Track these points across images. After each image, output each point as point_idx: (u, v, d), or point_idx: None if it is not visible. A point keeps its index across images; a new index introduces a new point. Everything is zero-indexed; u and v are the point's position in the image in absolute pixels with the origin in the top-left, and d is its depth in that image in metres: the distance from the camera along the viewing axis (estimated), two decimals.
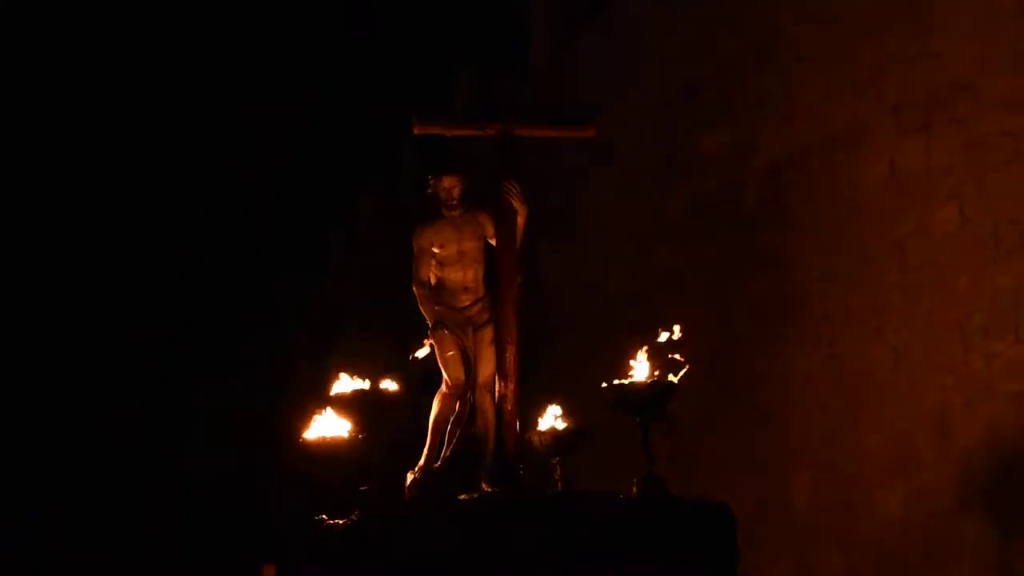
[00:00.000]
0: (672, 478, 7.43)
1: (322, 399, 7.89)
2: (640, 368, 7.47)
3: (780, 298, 11.62)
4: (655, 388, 7.34)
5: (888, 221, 10.66)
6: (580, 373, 8.49)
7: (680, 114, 12.88)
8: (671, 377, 7.43)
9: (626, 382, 7.36)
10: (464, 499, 7.47)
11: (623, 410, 7.42)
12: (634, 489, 7.39)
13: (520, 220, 7.85)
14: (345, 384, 7.54)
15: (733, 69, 12.20)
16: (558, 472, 7.99)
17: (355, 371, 7.59)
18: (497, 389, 7.74)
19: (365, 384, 7.48)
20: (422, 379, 7.70)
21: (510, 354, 7.72)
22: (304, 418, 7.85)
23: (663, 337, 7.47)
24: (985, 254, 9.94)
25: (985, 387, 9.94)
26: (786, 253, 11.59)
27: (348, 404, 7.44)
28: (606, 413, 7.54)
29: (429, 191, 7.93)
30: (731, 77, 12.25)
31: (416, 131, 7.87)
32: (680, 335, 7.45)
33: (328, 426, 7.85)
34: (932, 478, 10.28)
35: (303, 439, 7.94)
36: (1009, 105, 9.82)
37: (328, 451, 7.77)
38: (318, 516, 7.51)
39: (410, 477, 7.81)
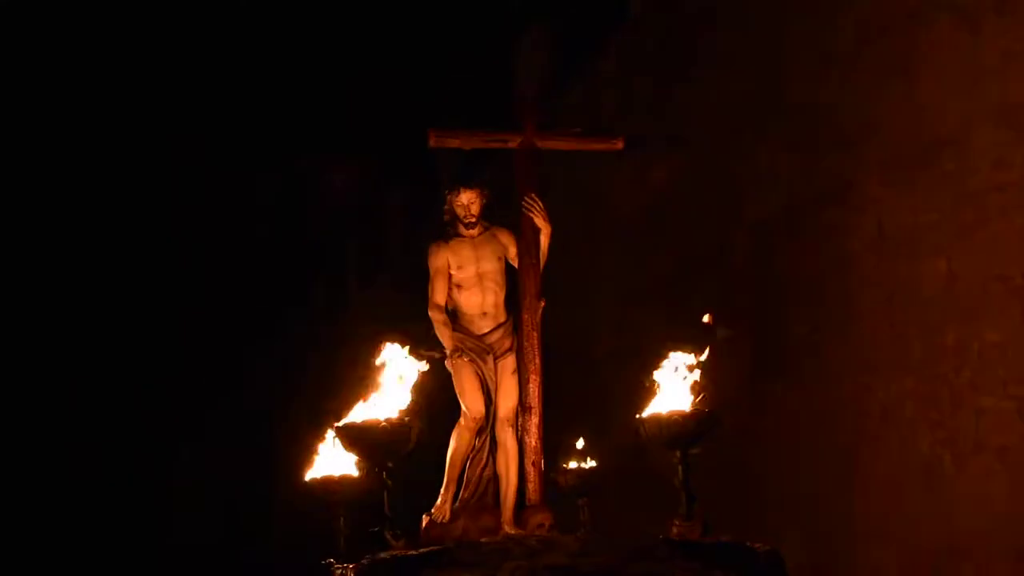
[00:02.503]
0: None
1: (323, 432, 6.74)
2: (674, 396, 6.42)
3: (769, 354, 10.55)
4: (698, 419, 6.25)
5: (876, 277, 9.62)
6: (560, 439, 7.34)
7: (666, 170, 11.96)
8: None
9: (664, 413, 6.27)
10: (485, 542, 6.33)
11: (661, 444, 6.32)
12: (673, 530, 6.28)
13: (544, 239, 6.69)
14: (357, 414, 6.34)
15: (720, 125, 11.29)
16: (584, 513, 6.90)
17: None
18: (520, 423, 6.54)
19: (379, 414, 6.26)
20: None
21: (534, 385, 6.47)
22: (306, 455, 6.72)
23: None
24: (973, 309, 9.04)
25: (974, 442, 9.05)
26: (774, 310, 10.57)
27: (358, 437, 6.25)
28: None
29: (445, 207, 6.73)
30: (719, 133, 11.32)
31: (432, 144, 6.63)
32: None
33: (334, 463, 6.72)
34: (923, 532, 9.34)
35: (307, 479, 6.77)
36: (996, 160, 8.95)
37: (334, 490, 6.65)
38: (326, 560, 6.37)
39: (426, 519, 6.62)
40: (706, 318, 6.58)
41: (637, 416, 6.23)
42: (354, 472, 6.58)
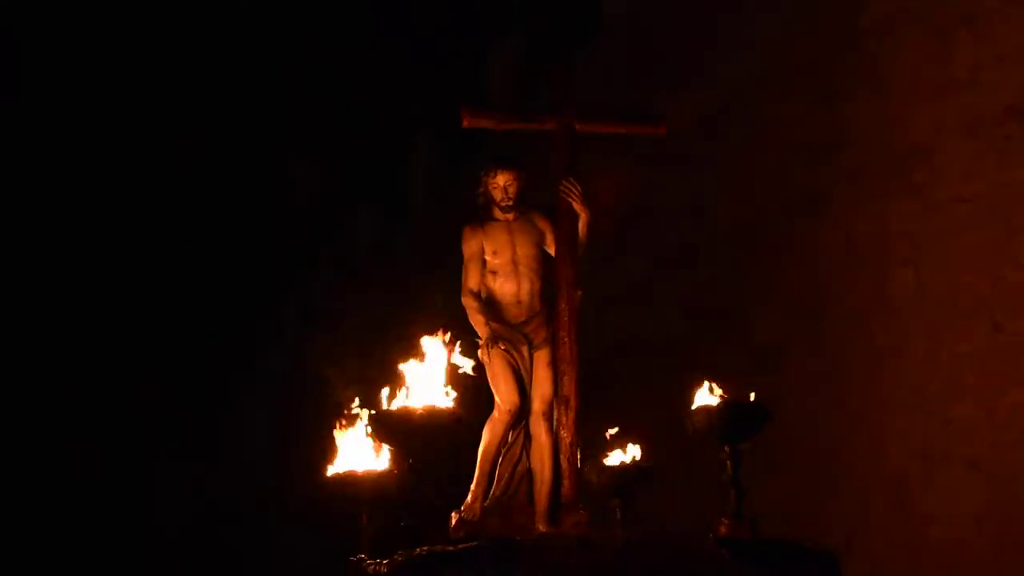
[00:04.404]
0: None
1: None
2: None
3: (738, 362, 10.12)
4: (753, 412, 5.67)
5: (846, 286, 9.23)
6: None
7: (639, 176, 11.37)
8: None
9: (715, 405, 5.67)
10: (521, 540, 5.64)
11: (711, 438, 5.71)
12: (722, 529, 5.64)
13: (582, 225, 6.03)
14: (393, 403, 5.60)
15: (692, 133, 10.78)
16: (619, 514, 6.21)
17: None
18: (555, 417, 5.86)
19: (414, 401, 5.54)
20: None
21: (570, 377, 5.79)
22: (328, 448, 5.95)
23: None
24: (942, 319, 8.70)
25: (942, 452, 8.69)
26: (745, 317, 10.15)
27: (395, 425, 5.52)
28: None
29: (480, 189, 6.03)
30: (690, 141, 10.83)
31: (465, 124, 5.96)
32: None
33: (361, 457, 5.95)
34: (890, 543, 8.94)
35: (328, 475, 5.97)
36: (965, 171, 8.65)
37: (359, 485, 5.88)
38: (356, 556, 5.61)
39: (456, 516, 5.89)
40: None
41: (687, 408, 5.61)
42: (378, 466, 5.80)
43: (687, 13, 11.22)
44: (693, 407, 5.61)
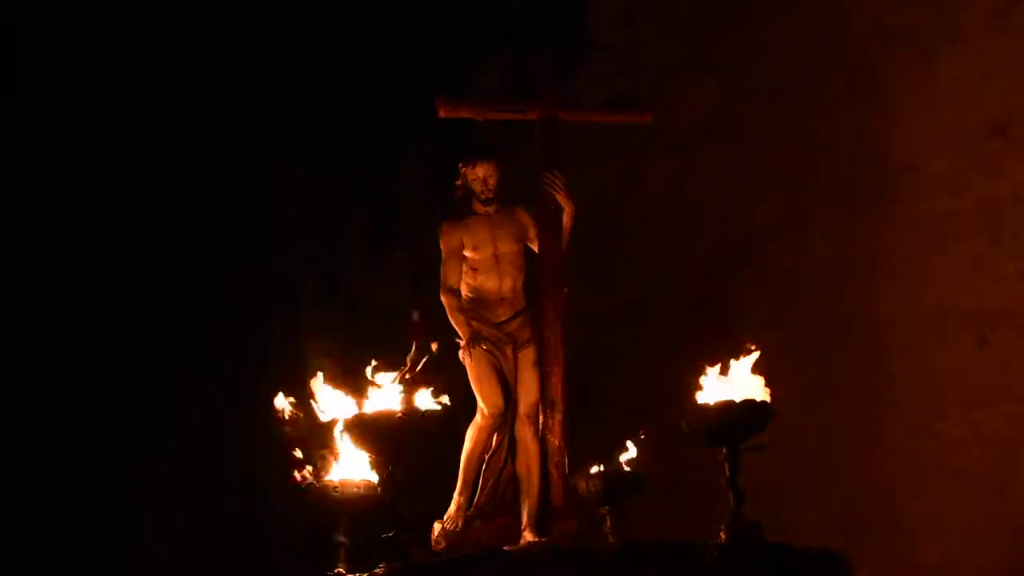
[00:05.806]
0: None
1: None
2: (718, 388, 5.36)
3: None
4: (751, 410, 5.18)
5: (833, 301, 8.80)
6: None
7: (623, 195, 10.92)
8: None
9: (712, 403, 5.19)
10: (509, 550, 5.14)
11: (707, 439, 5.23)
12: (721, 535, 5.16)
13: (566, 219, 5.59)
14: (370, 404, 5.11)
15: (677, 149, 10.38)
16: (608, 523, 5.71)
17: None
18: (541, 420, 5.40)
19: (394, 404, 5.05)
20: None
21: (556, 379, 5.36)
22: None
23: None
24: (928, 333, 8.28)
25: (932, 468, 8.25)
26: (730, 334, 9.73)
27: (369, 430, 5.03)
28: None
29: (458, 182, 5.58)
30: (675, 158, 10.42)
31: (442, 114, 5.50)
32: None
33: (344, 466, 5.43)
34: (878, 558, 8.41)
35: (309, 484, 5.45)
36: (950, 186, 8.27)
37: (335, 496, 5.36)
38: (334, 571, 5.10)
39: (438, 526, 5.39)
40: None
41: (680, 408, 5.14)
42: (356, 476, 5.28)
43: (674, 33, 10.83)
44: (689, 407, 5.10)
